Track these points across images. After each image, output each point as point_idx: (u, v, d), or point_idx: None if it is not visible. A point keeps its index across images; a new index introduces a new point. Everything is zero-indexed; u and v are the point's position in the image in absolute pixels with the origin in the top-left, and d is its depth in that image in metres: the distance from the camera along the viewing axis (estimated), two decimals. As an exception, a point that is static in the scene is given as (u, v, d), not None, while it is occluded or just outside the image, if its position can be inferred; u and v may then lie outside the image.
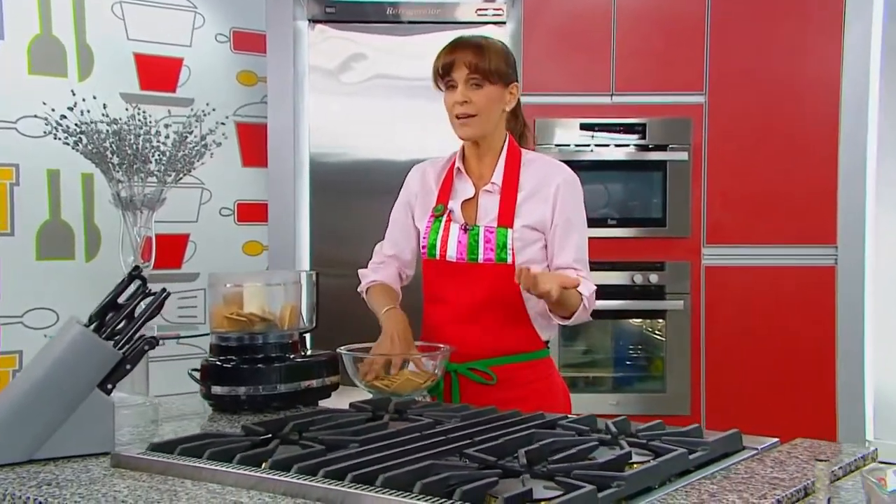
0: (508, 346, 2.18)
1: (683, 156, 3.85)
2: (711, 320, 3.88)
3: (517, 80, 2.24)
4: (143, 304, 1.70)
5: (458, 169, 2.26)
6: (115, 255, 3.55)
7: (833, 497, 1.22)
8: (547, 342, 2.26)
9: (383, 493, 1.31)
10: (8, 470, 1.55)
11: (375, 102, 3.77)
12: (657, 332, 3.93)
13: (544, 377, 2.23)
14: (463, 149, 2.29)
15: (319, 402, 2.06)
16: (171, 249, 4.49)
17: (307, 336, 3.34)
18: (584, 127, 3.88)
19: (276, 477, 1.41)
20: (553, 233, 2.19)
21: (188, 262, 4.57)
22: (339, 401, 2.04)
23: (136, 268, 1.74)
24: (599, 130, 3.89)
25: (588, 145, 3.88)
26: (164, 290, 1.70)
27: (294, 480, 1.39)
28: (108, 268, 3.56)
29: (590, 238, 3.78)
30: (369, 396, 2.02)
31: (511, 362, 2.18)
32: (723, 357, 3.87)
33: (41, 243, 4.09)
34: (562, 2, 3.91)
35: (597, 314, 3.82)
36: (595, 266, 3.76)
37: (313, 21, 3.86)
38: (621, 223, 3.88)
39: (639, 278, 3.85)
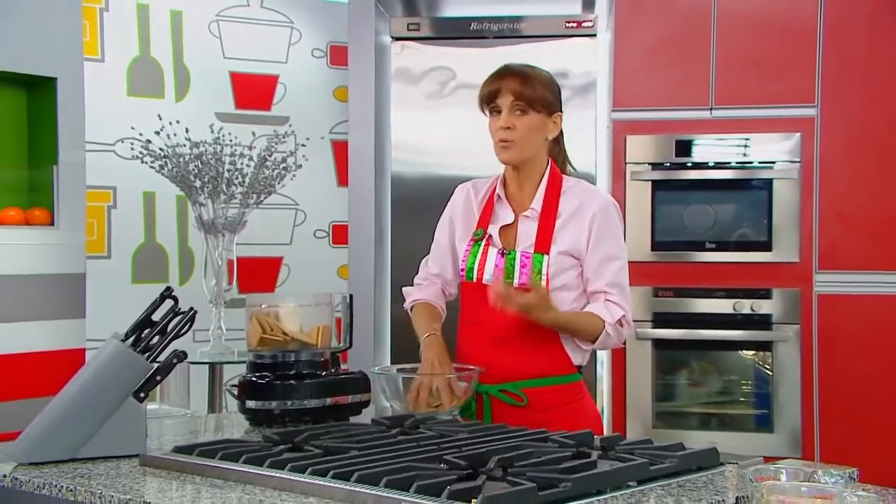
0: (540, 369, 2.52)
1: (792, 173, 4.08)
2: (826, 353, 4.07)
3: (561, 111, 2.60)
4: (174, 321, 2.16)
5: (499, 196, 2.63)
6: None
7: (741, 497, 1.53)
8: (579, 367, 2.58)
9: (353, 485, 1.70)
10: (52, 466, 2.03)
11: (461, 118, 4.15)
12: (765, 365, 4.15)
13: (575, 401, 2.55)
14: (504, 175, 2.66)
15: (351, 418, 2.47)
16: (263, 273, 5.03)
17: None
18: (680, 144, 4.17)
19: (270, 473, 1.83)
20: (589, 258, 2.52)
21: (281, 287, 5.09)
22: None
23: (168, 288, 2.19)
24: (697, 147, 4.17)
25: (685, 163, 4.17)
26: (191, 308, 2.16)
27: (284, 476, 1.80)
28: (201, 291, 4.08)
29: (687, 262, 4.09)
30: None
31: (542, 385, 2.52)
32: (840, 394, 4.05)
33: (136, 266, 4.70)
34: (657, 11, 4.22)
35: (696, 345, 4.15)
36: (693, 293, 4.08)
37: (396, 38, 4.31)
38: (721, 247, 4.14)
39: (742, 306, 4.09)
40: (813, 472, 1.42)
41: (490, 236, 2.61)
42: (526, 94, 2.52)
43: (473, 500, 1.58)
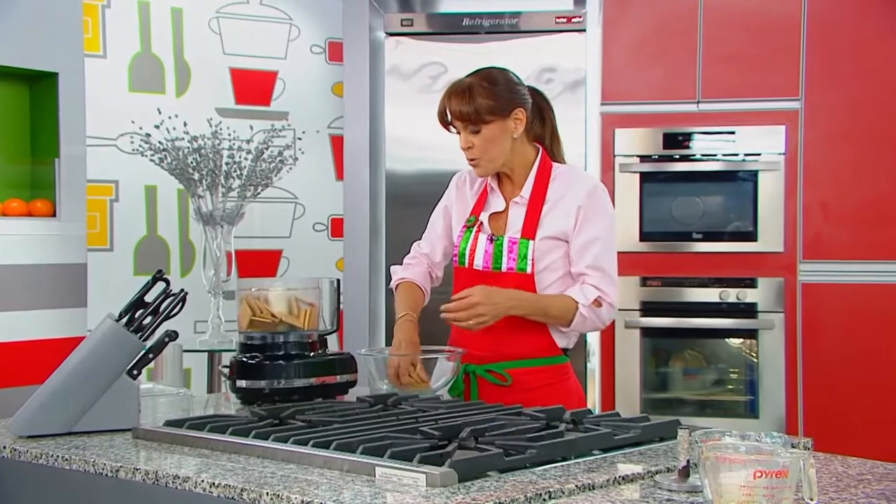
0: (524, 350, 2.62)
1: (777, 165, 4.18)
2: (809, 341, 4.17)
3: (521, 105, 2.61)
4: (166, 302, 2.26)
5: (492, 187, 2.73)
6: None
7: (692, 461, 1.63)
8: (565, 350, 2.67)
9: (331, 452, 1.80)
10: (49, 439, 2.14)
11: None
12: (750, 353, 4.25)
13: (558, 381, 2.65)
14: None
15: (338, 397, 2.58)
16: (263, 265, 5.13)
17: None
18: (667, 136, 4.28)
19: (254, 443, 1.93)
20: (573, 242, 2.61)
21: (280, 279, 5.18)
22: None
23: (160, 271, 2.30)
24: (684, 140, 4.27)
25: (673, 156, 4.27)
26: (182, 290, 2.26)
27: (268, 445, 1.91)
28: (201, 283, 4.18)
29: (675, 253, 4.18)
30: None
31: (526, 366, 2.61)
32: (823, 381, 4.15)
33: (138, 259, 4.80)
34: (645, 6, 4.33)
35: (683, 333, 4.24)
36: (681, 282, 4.18)
37: (390, 34, 4.42)
38: (708, 237, 4.24)
39: (728, 295, 4.19)
40: (757, 437, 1.52)
41: (481, 223, 2.70)
42: (468, 113, 2.54)
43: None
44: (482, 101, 2.55)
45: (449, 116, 2.60)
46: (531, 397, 2.51)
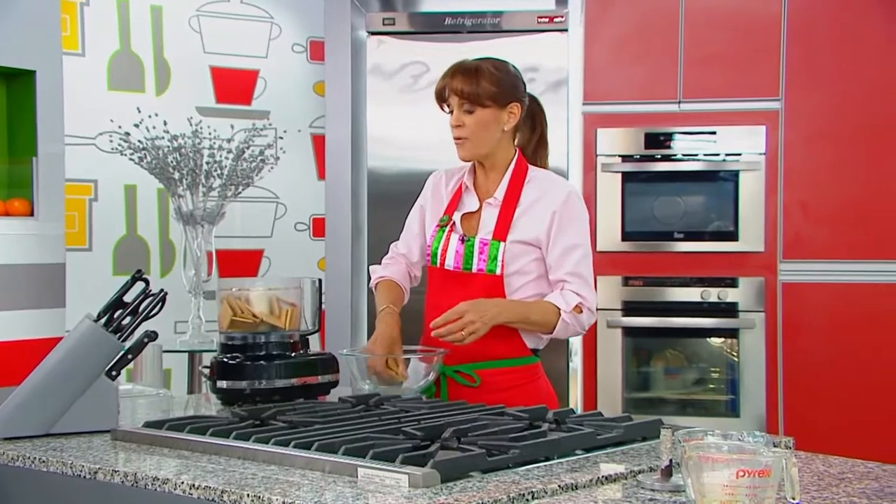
0: (494, 352, 2.60)
1: (758, 165, 4.20)
2: (790, 340, 4.18)
3: (518, 100, 2.64)
4: (145, 303, 2.25)
5: (466, 185, 2.73)
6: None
7: (675, 461, 1.62)
8: (535, 350, 2.66)
9: (313, 453, 1.79)
10: (27, 441, 2.12)
11: (434, 113, 4.26)
12: (731, 352, 4.27)
13: (528, 382, 2.64)
14: (473, 165, 2.75)
15: (320, 397, 2.56)
16: (245, 265, 5.11)
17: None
18: (649, 136, 4.28)
19: (235, 444, 1.92)
20: (551, 249, 2.61)
21: (262, 279, 5.16)
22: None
23: (139, 271, 2.28)
24: (666, 140, 4.28)
25: (654, 156, 4.28)
26: (161, 290, 2.24)
27: (248, 446, 1.89)
28: (181, 283, 4.16)
29: (656, 252, 4.20)
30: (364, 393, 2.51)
31: (495, 367, 2.60)
32: (804, 380, 4.17)
33: (117, 258, 4.77)
34: (627, 6, 4.34)
35: (664, 332, 4.25)
36: (662, 282, 4.19)
37: (372, 33, 4.42)
38: (689, 237, 4.25)
39: (709, 295, 4.20)
40: (740, 436, 1.52)
41: (454, 223, 2.70)
42: (469, 93, 2.57)
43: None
44: (486, 85, 2.58)
45: (447, 93, 2.61)
46: (501, 398, 2.49)
